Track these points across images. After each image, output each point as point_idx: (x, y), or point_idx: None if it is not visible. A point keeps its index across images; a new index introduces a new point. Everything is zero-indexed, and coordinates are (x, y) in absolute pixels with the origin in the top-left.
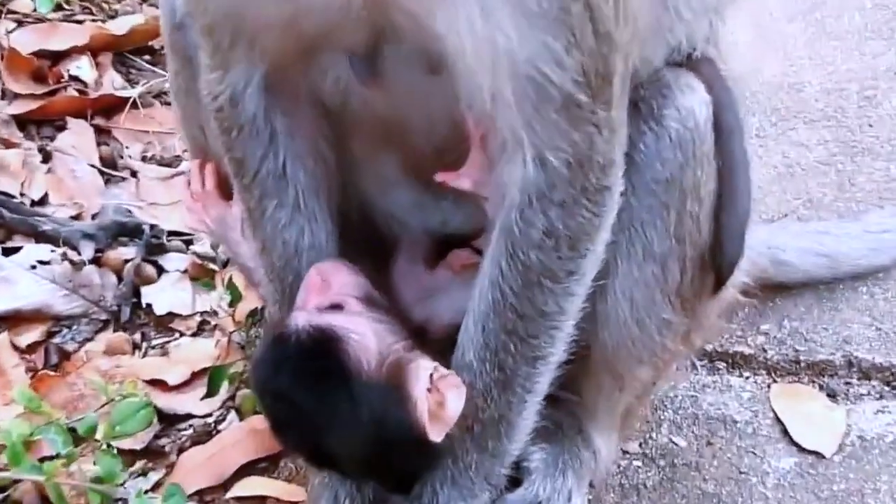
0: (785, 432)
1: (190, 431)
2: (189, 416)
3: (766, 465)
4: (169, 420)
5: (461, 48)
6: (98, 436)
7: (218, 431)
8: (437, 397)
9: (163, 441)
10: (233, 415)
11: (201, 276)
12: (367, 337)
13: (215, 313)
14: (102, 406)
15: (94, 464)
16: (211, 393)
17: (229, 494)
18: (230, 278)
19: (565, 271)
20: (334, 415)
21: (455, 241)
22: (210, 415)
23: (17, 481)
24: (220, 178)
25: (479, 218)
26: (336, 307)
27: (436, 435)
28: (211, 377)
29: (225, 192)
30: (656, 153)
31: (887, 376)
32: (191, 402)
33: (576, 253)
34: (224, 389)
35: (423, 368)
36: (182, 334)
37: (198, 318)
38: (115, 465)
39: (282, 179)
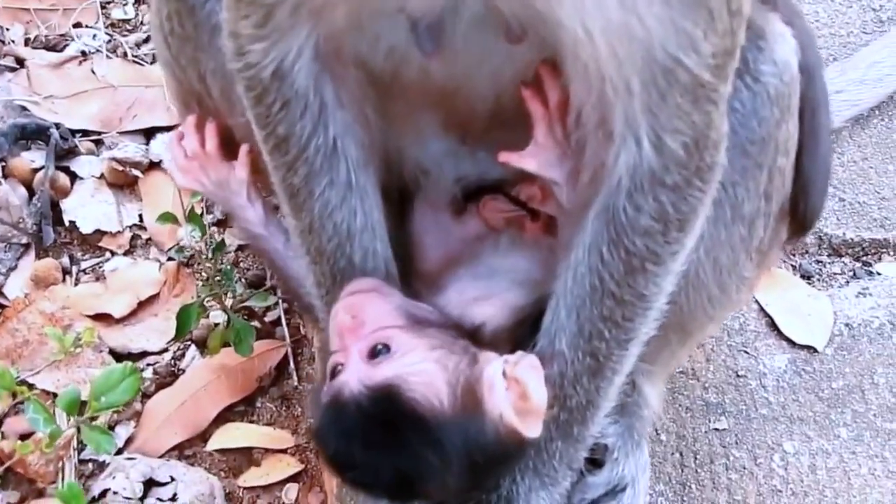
0: (773, 325)
1: (150, 373)
2: (144, 354)
3: (762, 366)
4: (122, 360)
5: (586, 36)
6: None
7: (181, 371)
8: (517, 389)
9: None
10: (193, 350)
11: (121, 182)
12: (429, 374)
13: (144, 227)
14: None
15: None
16: (180, 333)
17: (211, 446)
18: (191, 209)
19: (670, 253)
20: (423, 466)
21: (486, 190)
22: (166, 350)
23: None
24: (222, 137)
25: (517, 169)
26: (383, 349)
27: (534, 431)
28: (180, 317)
29: (226, 151)
30: (753, 112)
31: (857, 252)
32: (143, 337)
33: (682, 234)
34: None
35: (494, 373)
36: (113, 253)
37: (128, 235)
38: (108, 442)
39: (332, 156)
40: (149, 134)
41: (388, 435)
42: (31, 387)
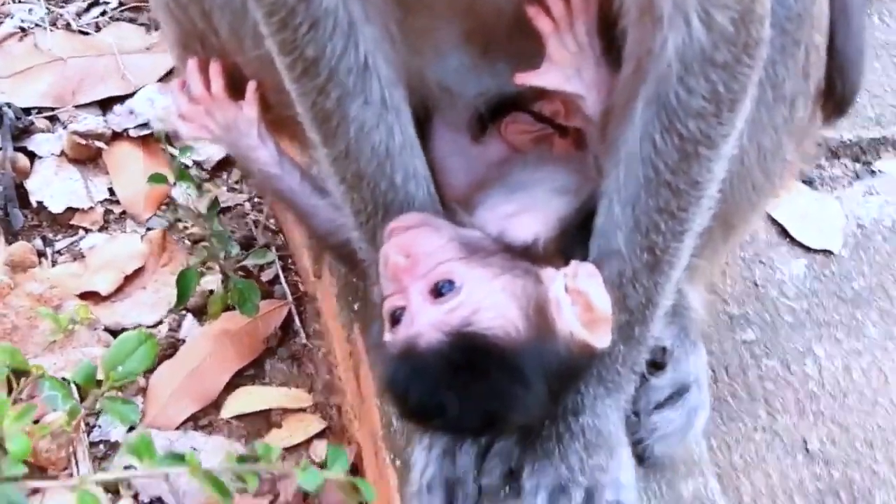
0: (784, 233)
1: None
2: (139, 328)
3: (780, 274)
4: (116, 336)
5: None
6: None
7: (181, 342)
8: (581, 301)
9: None
10: (190, 319)
11: (83, 157)
12: (501, 304)
13: (116, 201)
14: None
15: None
16: (182, 300)
17: (226, 414)
18: (181, 167)
19: (722, 135)
20: (509, 399)
21: (508, 107)
22: (161, 322)
23: None
24: (227, 77)
25: None
26: (446, 285)
27: (604, 340)
28: (181, 283)
29: (231, 92)
30: None
31: (856, 152)
32: (134, 311)
33: (733, 114)
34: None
35: (558, 290)
36: (87, 231)
37: (100, 210)
38: (133, 411)
39: (364, 74)
40: (105, 105)
41: (473, 375)
42: (27, 373)
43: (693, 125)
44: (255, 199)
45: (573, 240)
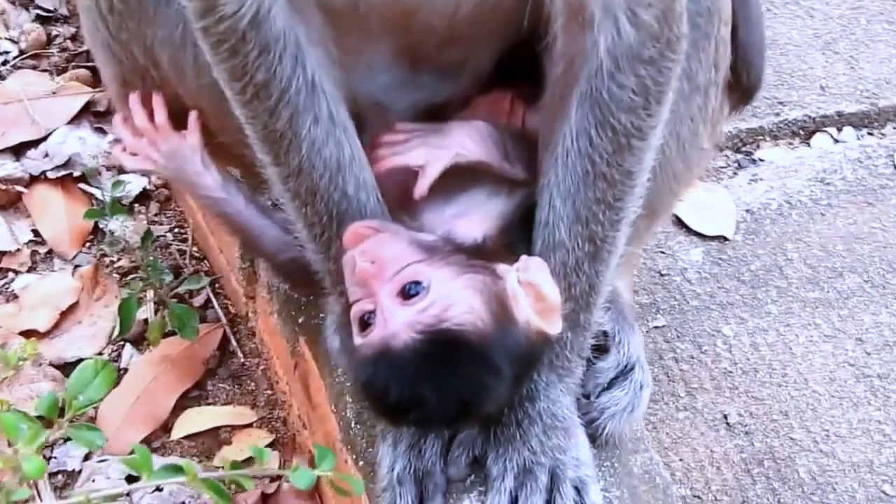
0: (680, 223)
1: None
2: (80, 362)
3: (681, 262)
4: (60, 371)
5: None
6: None
7: (123, 371)
8: (533, 292)
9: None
10: (129, 348)
11: (2, 202)
12: (467, 300)
13: (41, 242)
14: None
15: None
16: (125, 328)
17: (176, 435)
18: (113, 201)
19: (651, 126)
20: (481, 389)
21: (435, 116)
22: (101, 353)
23: None
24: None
25: (460, 88)
26: (414, 286)
27: (556, 327)
28: (123, 312)
29: (173, 123)
30: None
31: (736, 143)
32: (73, 346)
33: (660, 106)
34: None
35: (513, 282)
36: (17, 272)
37: (27, 251)
38: (99, 437)
39: (312, 93)
40: (17, 151)
41: (448, 368)
42: None
43: (625, 118)
44: (177, 230)
45: (515, 235)
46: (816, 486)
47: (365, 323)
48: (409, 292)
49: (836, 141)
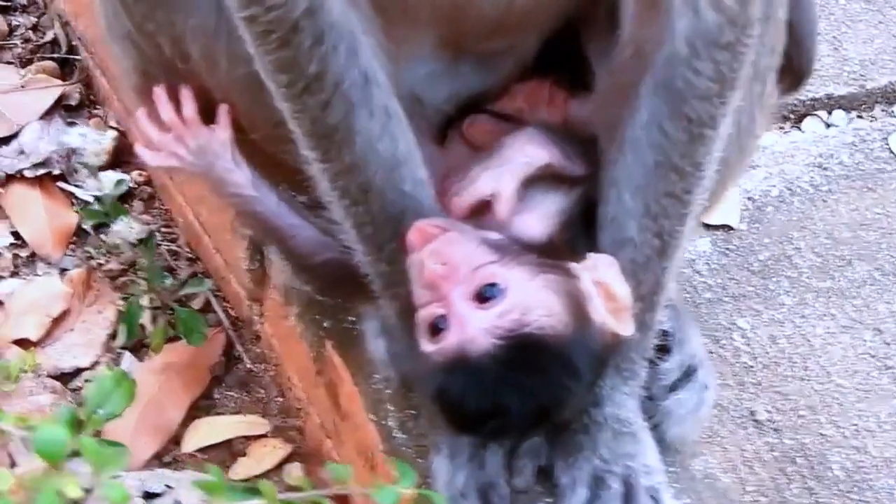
0: None
1: None
2: (78, 372)
3: (689, 253)
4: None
5: None
6: None
7: None
8: (604, 292)
9: None
10: (128, 356)
11: None
12: (547, 302)
13: (22, 244)
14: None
15: None
16: (131, 336)
17: (187, 448)
18: (113, 201)
19: (722, 115)
20: (564, 394)
21: (470, 109)
22: (97, 363)
23: None
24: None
25: (499, 77)
26: (490, 288)
27: (629, 328)
28: (128, 317)
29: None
30: None
31: None
32: (69, 355)
33: (734, 93)
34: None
35: (584, 279)
36: (0, 277)
37: (8, 256)
38: (122, 453)
39: (367, 86)
40: None
41: (530, 374)
42: None
43: (699, 107)
44: (164, 230)
45: (576, 232)
46: (853, 483)
47: (435, 328)
48: (485, 295)
49: (829, 125)
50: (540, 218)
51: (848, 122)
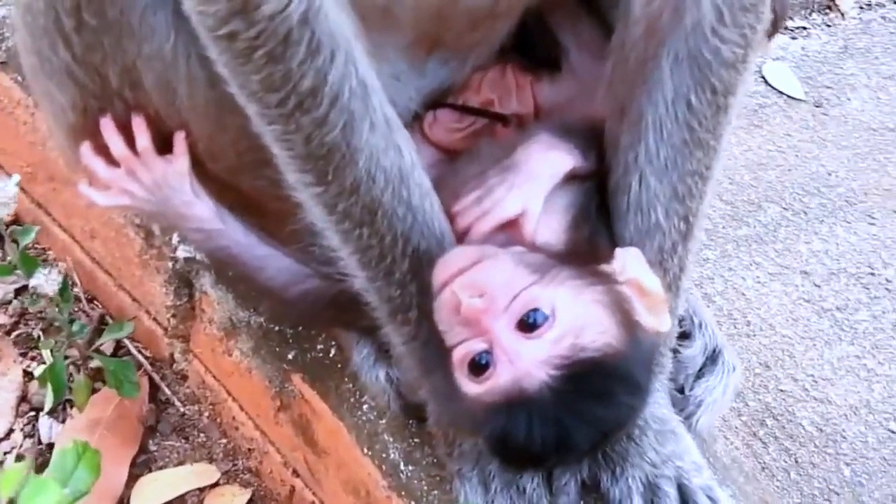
0: None
1: (13, 460)
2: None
3: None
4: None
5: None
6: None
7: (47, 446)
8: (636, 289)
9: None
10: (45, 419)
11: None
12: (596, 319)
13: None
14: None
15: None
16: (57, 398)
17: None
18: (23, 251)
19: (743, 80)
20: (626, 413)
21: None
22: (12, 431)
23: None
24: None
25: (465, 71)
26: (534, 314)
27: (667, 323)
28: (53, 379)
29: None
30: None
31: None
32: None
33: (754, 55)
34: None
35: (621, 280)
36: None
37: None
38: None
39: (365, 96)
40: None
41: (593, 402)
42: None
43: (725, 76)
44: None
45: (593, 226)
46: (826, 437)
47: (477, 365)
48: (529, 322)
49: None
50: (557, 222)
51: None
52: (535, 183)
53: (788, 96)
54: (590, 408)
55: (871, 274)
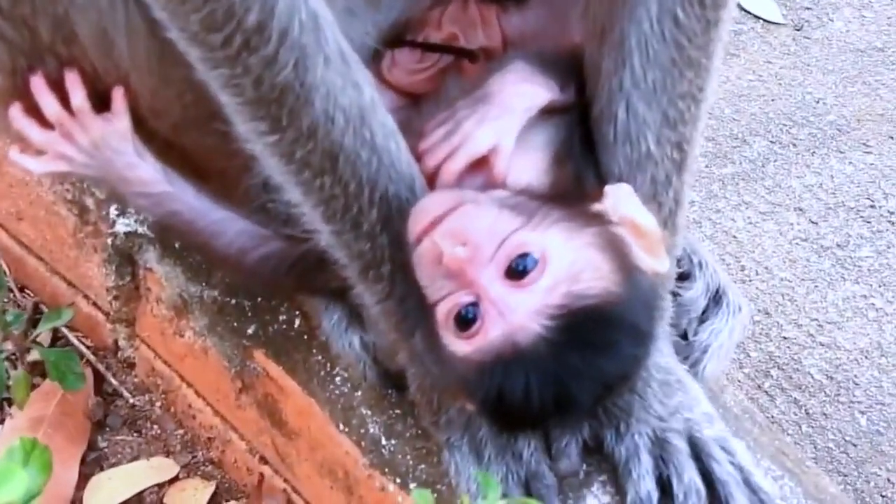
0: None
1: None
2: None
3: None
4: None
5: None
6: None
7: None
8: (631, 228)
9: None
10: None
11: None
12: (591, 263)
13: None
14: None
15: None
16: (21, 404)
17: None
18: None
19: None
20: (629, 363)
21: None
22: None
23: None
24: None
25: (423, 4)
26: (522, 261)
27: (665, 262)
28: (17, 387)
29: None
30: None
31: None
32: None
33: None
34: None
35: (615, 224)
36: None
37: None
38: None
39: (317, 29)
40: None
41: (594, 354)
42: None
43: None
44: None
45: (578, 161)
46: (837, 385)
47: (464, 320)
48: (518, 269)
49: None
50: (538, 160)
51: None
52: (508, 116)
53: (766, 20)
54: (591, 360)
55: (872, 206)
